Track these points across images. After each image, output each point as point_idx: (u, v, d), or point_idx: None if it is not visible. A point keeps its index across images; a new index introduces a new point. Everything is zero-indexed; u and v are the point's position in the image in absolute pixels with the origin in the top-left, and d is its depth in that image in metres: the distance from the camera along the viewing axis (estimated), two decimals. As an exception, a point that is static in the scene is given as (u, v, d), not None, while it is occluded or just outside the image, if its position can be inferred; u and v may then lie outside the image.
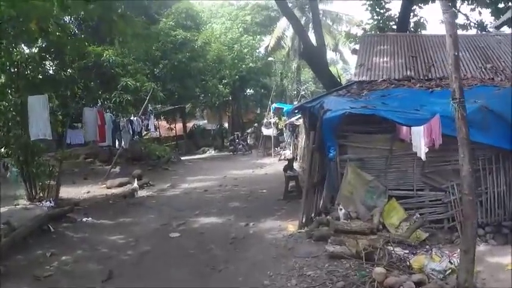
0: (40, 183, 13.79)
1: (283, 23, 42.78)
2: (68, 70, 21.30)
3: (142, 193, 16.78)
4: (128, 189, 16.62)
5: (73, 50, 14.16)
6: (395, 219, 10.12)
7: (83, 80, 22.50)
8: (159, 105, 32.18)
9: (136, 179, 17.93)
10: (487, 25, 22.22)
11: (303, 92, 42.02)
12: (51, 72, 14.81)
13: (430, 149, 8.97)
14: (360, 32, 24.15)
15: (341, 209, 9.81)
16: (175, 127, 38.28)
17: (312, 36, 20.77)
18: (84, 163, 23.97)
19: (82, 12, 20.42)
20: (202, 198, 15.66)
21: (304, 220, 10.47)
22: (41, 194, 13.75)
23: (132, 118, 19.39)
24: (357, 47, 23.55)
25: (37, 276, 8.22)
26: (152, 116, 23.24)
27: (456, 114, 6.47)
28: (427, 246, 9.02)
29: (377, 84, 12.72)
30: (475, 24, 22.85)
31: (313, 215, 10.97)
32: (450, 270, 7.44)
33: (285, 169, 15.48)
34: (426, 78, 13.09)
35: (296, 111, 16.95)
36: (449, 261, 7.73)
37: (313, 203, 11.13)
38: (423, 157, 9.08)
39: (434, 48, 15.31)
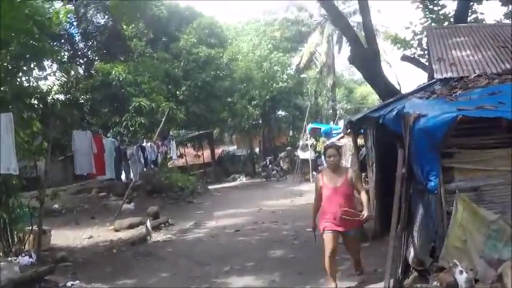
0: (16, 232, 10.31)
1: (315, 37, 39.76)
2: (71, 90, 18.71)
3: (157, 236, 13.23)
4: (139, 233, 13.07)
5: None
6: (530, 278, 6.40)
7: (89, 102, 19.83)
8: (183, 130, 29.43)
9: (150, 219, 14.46)
10: None
11: (339, 112, 38.74)
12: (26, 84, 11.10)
13: None
14: (408, 36, 20.74)
15: (461, 272, 6.06)
16: (202, 154, 35.95)
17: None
18: (96, 198, 20.64)
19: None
20: (234, 244, 11.99)
21: (391, 285, 6.76)
22: (19, 246, 10.28)
23: (143, 144, 15.97)
24: (407, 52, 20.46)
25: None
26: (173, 142, 19.97)
27: None
28: None
29: (472, 81, 9.19)
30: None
31: (399, 270, 7.30)
32: None
33: (342, 202, 11.76)
34: (534, 70, 9.63)
35: (348, 126, 13.37)
36: None
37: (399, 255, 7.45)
38: None
39: (524, 37, 11.97)
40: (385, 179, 10.57)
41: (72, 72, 21.20)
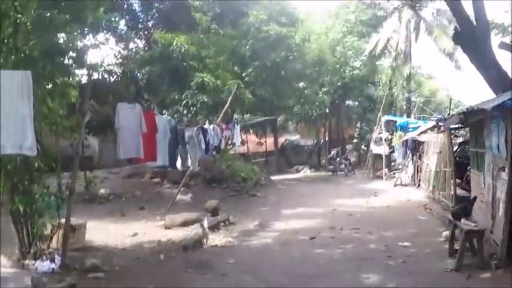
0: (35, 229, 8.02)
1: (392, 22, 36.44)
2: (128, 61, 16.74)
3: (215, 239, 10.81)
4: (194, 234, 10.56)
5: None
6: None
7: (145, 75, 17.73)
8: (247, 115, 27.05)
9: (207, 216, 12.13)
10: None
11: (417, 104, 35.69)
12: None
13: None
14: (507, 21, 17.69)
15: None
16: (265, 141, 33.88)
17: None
18: (149, 184, 18.60)
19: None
20: (311, 258, 9.38)
21: None
22: (41, 246, 8.05)
23: (205, 126, 13.52)
24: (506, 39, 17.54)
25: None
26: (238, 127, 17.45)
27: None
28: None
29: None
30: None
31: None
32: None
33: (457, 215, 8.85)
34: None
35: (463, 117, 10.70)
36: None
37: None
38: None
39: None
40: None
41: (131, 45, 19.21)
